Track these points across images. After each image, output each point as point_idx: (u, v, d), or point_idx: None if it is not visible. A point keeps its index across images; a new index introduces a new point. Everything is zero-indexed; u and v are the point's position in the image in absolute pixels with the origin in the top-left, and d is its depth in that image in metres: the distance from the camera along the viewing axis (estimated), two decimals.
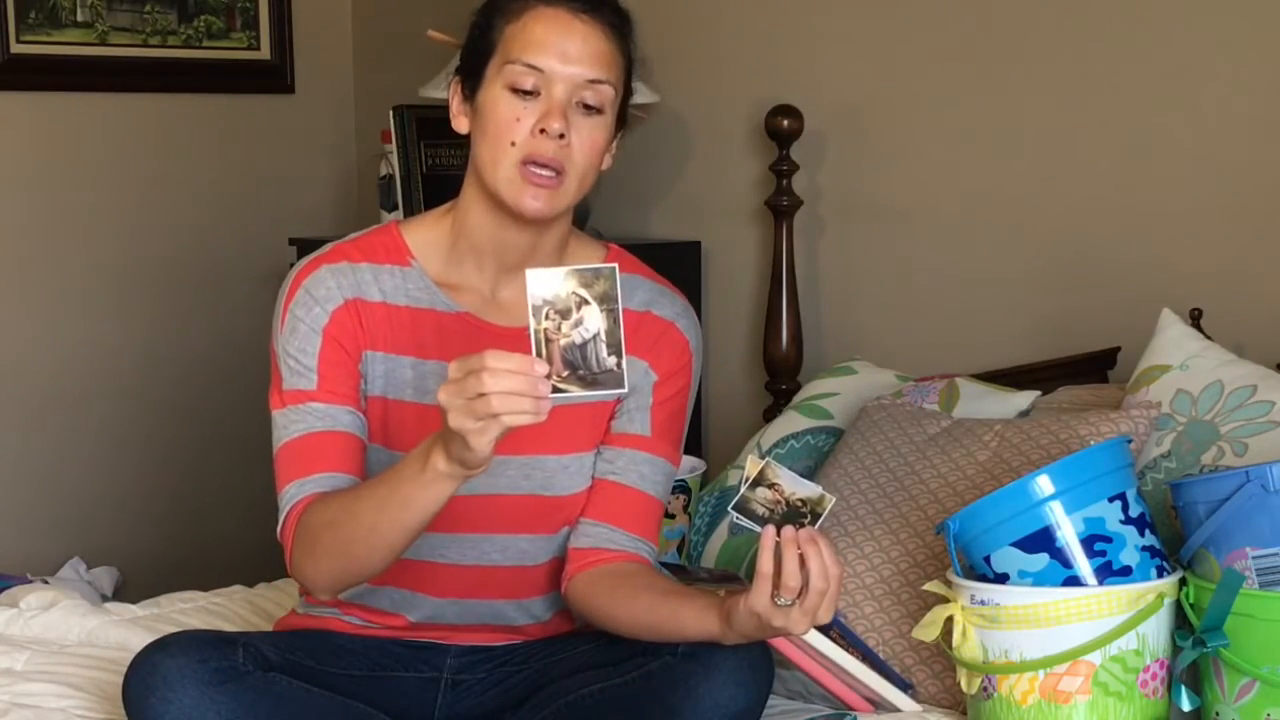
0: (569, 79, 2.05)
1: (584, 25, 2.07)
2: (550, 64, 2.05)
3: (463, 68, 2.14)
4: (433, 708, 2.19)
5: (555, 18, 2.07)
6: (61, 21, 3.92)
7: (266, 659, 2.05)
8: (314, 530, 2.01)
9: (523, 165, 2.05)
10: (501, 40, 2.08)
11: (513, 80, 2.05)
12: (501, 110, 2.06)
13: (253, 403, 4.25)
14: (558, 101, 2.04)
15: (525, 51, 2.05)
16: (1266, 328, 2.69)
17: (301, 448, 2.08)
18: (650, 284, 2.23)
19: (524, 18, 2.07)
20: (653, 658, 2.02)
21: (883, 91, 3.24)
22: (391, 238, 2.18)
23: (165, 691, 1.96)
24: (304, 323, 2.12)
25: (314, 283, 2.13)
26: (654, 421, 2.20)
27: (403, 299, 2.13)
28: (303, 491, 2.06)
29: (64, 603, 2.67)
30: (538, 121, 2.04)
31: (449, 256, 2.16)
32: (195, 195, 4.15)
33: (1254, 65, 2.75)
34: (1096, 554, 2.04)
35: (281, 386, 2.10)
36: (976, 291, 3.11)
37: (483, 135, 2.08)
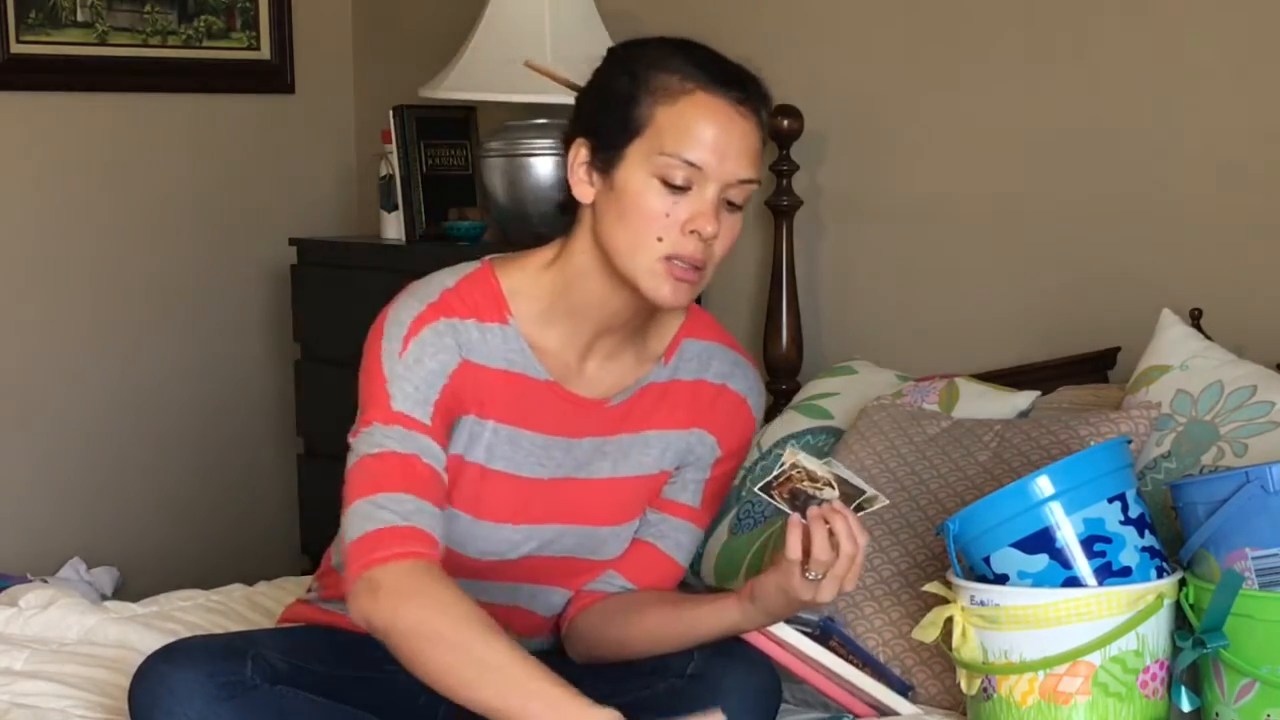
0: (724, 178, 1.97)
1: (743, 119, 1.98)
2: (708, 161, 1.95)
3: (591, 133, 2.02)
4: (436, 709, 2.19)
5: (716, 110, 1.97)
6: (61, 21, 3.92)
7: (275, 669, 2.03)
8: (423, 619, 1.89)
9: (666, 259, 1.97)
10: (652, 122, 1.97)
11: (664, 173, 1.95)
12: (650, 202, 1.96)
13: (253, 401, 4.28)
14: (710, 202, 1.96)
15: (683, 146, 1.95)
16: (1266, 328, 2.68)
17: (408, 465, 1.98)
18: (727, 353, 2.20)
19: (681, 104, 1.96)
20: (659, 678, 2.03)
21: (883, 91, 3.24)
22: (491, 288, 2.07)
23: (172, 704, 1.95)
24: (431, 360, 2.02)
25: (437, 332, 2.02)
26: (705, 494, 2.20)
27: (500, 361, 2.06)
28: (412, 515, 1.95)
29: (63, 601, 2.67)
30: (688, 221, 1.96)
31: (544, 313, 2.08)
32: (196, 195, 4.14)
33: (1254, 65, 2.74)
34: (1096, 555, 2.04)
35: (392, 405, 2.00)
36: (977, 291, 3.11)
37: (621, 220, 1.98)
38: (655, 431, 2.14)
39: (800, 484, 1.95)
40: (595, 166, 2.01)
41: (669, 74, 1.99)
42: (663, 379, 2.14)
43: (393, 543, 1.93)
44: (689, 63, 2.00)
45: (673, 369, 2.16)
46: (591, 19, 3.54)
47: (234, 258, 4.20)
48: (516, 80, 3.44)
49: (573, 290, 2.06)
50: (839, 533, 1.91)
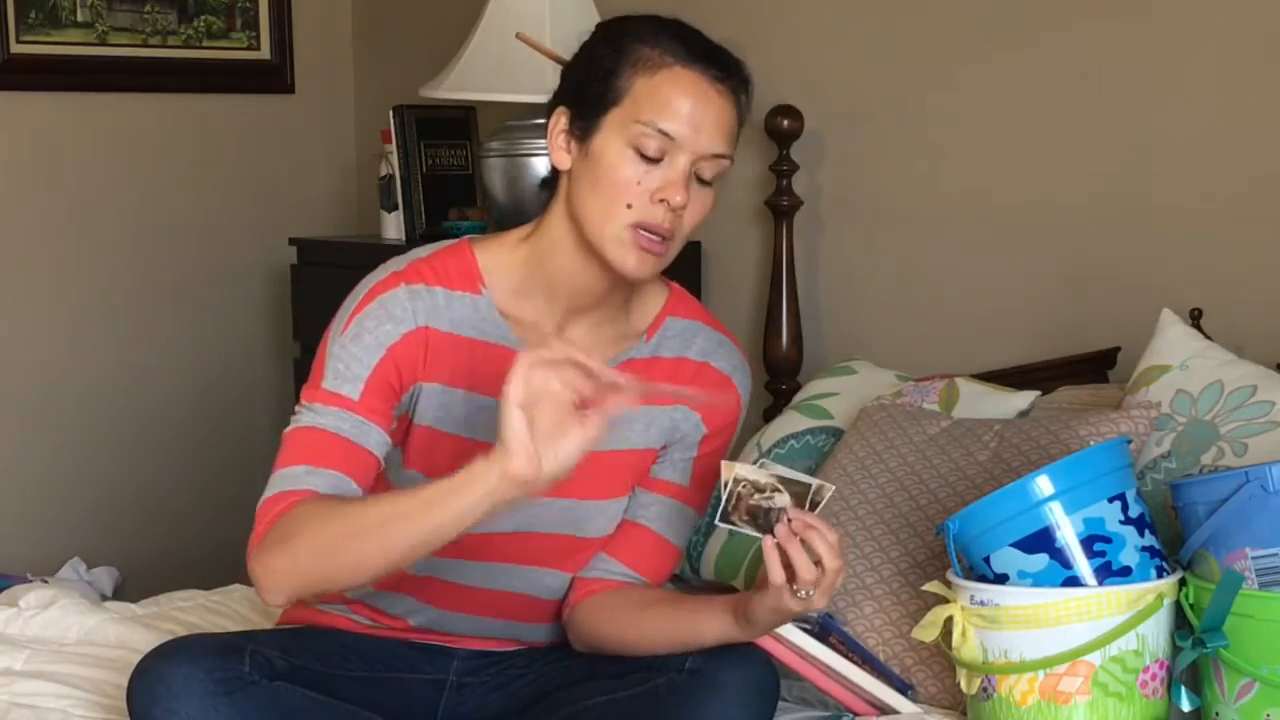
0: (697, 151, 1.99)
1: (719, 96, 2.00)
2: (682, 133, 1.98)
3: (572, 102, 2.04)
4: (436, 709, 2.19)
5: (694, 84, 1.99)
6: (61, 21, 3.91)
7: (273, 666, 2.03)
8: (302, 520, 1.93)
9: (634, 228, 1.99)
10: (630, 93, 1.99)
11: (638, 141, 1.97)
12: (623, 170, 1.98)
13: (253, 402, 4.28)
14: (681, 172, 1.98)
15: (658, 115, 1.97)
16: (1266, 328, 2.68)
17: (322, 440, 2.01)
18: (709, 331, 2.20)
19: (659, 75, 1.99)
20: (659, 673, 2.02)
21: (883, 91, 3.24)
22: (465, 260, 2.10)
23: (170, 701, 1.95)
24: (370, 334, 2.04)
25: (391, 300, 2.05)
26: (694, 473, 2.20)
27: (469, 330, 2.07)
28: (309, 480, 1.99)
29: (63, 601, 2.66)
30: (659, 189, 1.97)
31: (519, 286, 2.10)
32: (195, 195, 4.14)
33: (1254, 65, 2.74)
34: (1096, 554, 2.04)
35: (322, 383, 2.04)
36: (976, 291, 3.11)
37: (594, 187, 2.00)
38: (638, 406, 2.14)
39: (751, 499, 1.95)
40: (573, 134, 2.03)
41: (651, 48, 2.01)
42: (645, 355, 2.15)
43: (274, 506, 1.98)
44: (672, 38, 2.03)
45: (654, 346, 2.16)
46: (592, 19, 3.52)
47: (234, 257, 4.20)
48: (516, 80, 3.44)
49: (546, 262, 2.08)
50: (819, 550, 1.90)
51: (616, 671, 2.07)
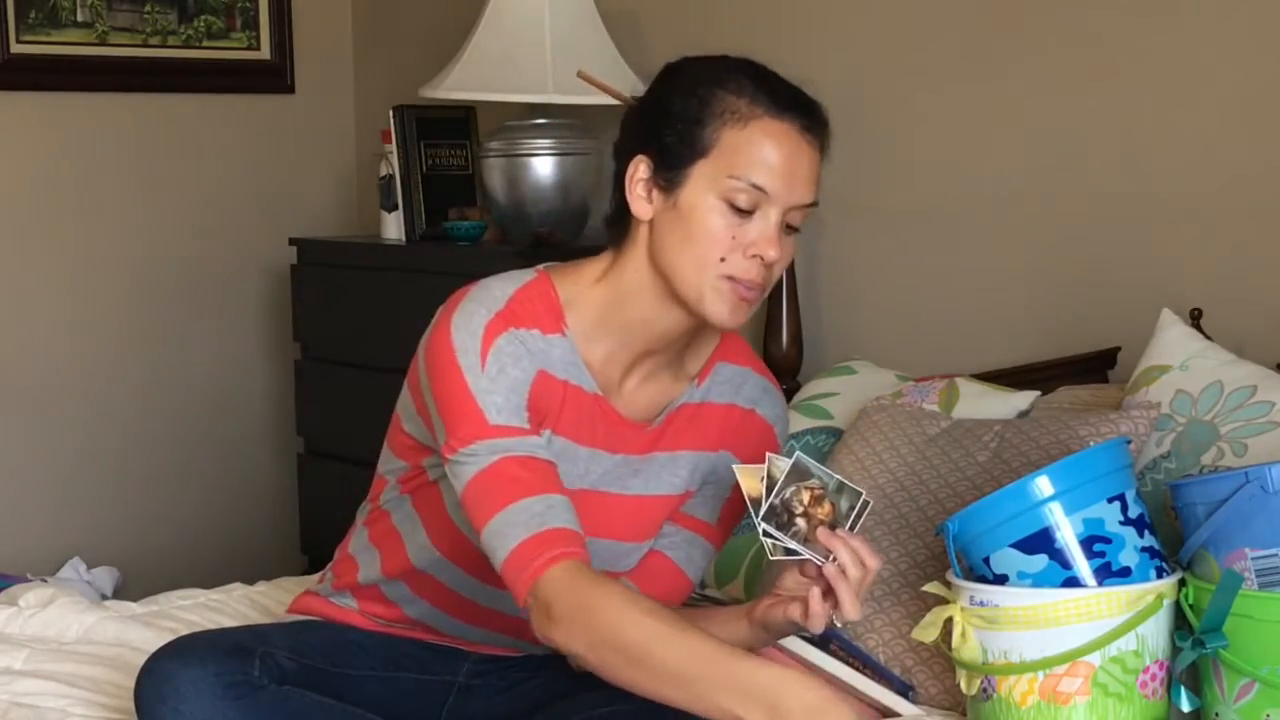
0: (789, 203, 1.98)
1: (809, 146, 1.99)
2: (775, 185, 1.96)
3: (654, 151, 2.00)
4: (441, 709, 2.19)
5: (785, 136, 1.98)
6: (61, 21, 3.92)
7: (282, 669, 2.03)
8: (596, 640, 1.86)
9: (728, 279, 1.98)
10: (719, 145, 1.96)
11: (730, 195, 1.96)
12: (715, 223, 1.96)
13: (253, 402, 4.28)
14: (774, 225, 1.97)
15: (751, 169, 1.95)
16: (1266, 328, 2.68)
17: (523, 467, 1.94)
18: (758, 379, 2.20)
19: (750, 128, 1.97)
20: None
21: (883, 91, 3.24)
22: (549, 300, 2.04)
23: (177, 703, 1.95)
24: (513, 369, 1.98)
25: (512, 340, 1.99)
26: (722, 514, 2.20)
27: (560, 372, 2.04)
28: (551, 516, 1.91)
29: (62, 600, 2.67)
30: (752, 244, 1.96)
31: (593, 328, 2.06)
32: (195, 195, 4.15)
33: (1254, 64, 2.74)
34: (1096, 555, 2.04)
35: (488, 420, 1.95)
36: (976, 291, 3.11)
37: (684, 240, 1.97)
38: (686, 452, 2.14)
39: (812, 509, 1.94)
40: (657, 184, 2.00)
41: (736, 97, 1.98)
42: (695, 400, 2.15)
43: (537, 553, 1.90)
44: (756, 86, 2.00)
45: (705, 391, 2.16)
46: (591, 19, 3.54)
47: (234, 258, 4.20)
48: (516, 80, 3.45)
49: (624, 306, 2.05)
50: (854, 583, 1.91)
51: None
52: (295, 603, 2.33)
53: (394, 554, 2.16)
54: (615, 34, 3.55)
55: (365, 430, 3.70)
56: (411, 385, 2.11)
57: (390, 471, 2.18)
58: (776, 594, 2.00)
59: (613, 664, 1.86)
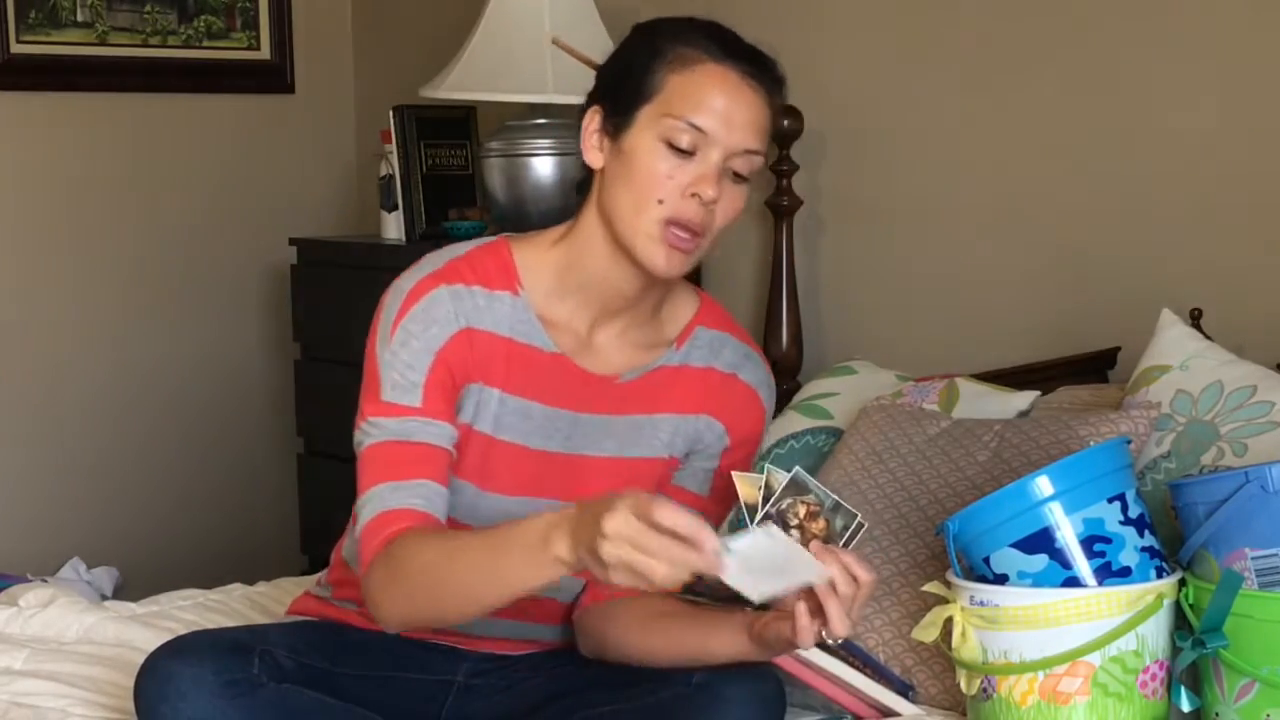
0: (729, 146, 1.99)
1: (752, 92, 2.01)
2: (715, 127, 1.98)
3: (606, 100, 2.06)
4: (441, 709, 2.19)
5: (726, 79, 2.00)
6: (61, 21, 3.92)
7: (281, 668, 2.03)
8: (404, 568, 1.94)
9: (665, 224, 1.99)
10: (664, 89, 2.00)
11: (671, 135, 1.98)
12: (654, 164, 1.99)
13: (253, 402, 4.28)
14: (714, 166, 1.99)
15: (691, 110, 1.98)
16: (1266, 328, 2.68)
17: (399, 452, 2.01)
18: (738, 345, 2.21)
19: (693, 71, 2.00)
20: (665, 686, 2.02)
21: (883, 91, 3.24)
22: (503, 260, 2.10)
23: (177, 701, 1.95)
24: (417, 339, 2.04)
25: (432, 302, 2.05)
26: (714, 485, 2.20)
27: (507, 330, 2.08)
28: (398, 498, 1.99)
29: (62, 600, 2.67)
30: (691, 184, 1.98)
31: (554, 287, 2.10)
32: (195, 195, 4.15)
33: (1254, 64, 2.74)
34: (1096, 555, 2.04)
35: (381, 395, 2.03)
36: (976, 291, 3.11)
37: (626, 183, 2.01)
38: (664, 415, 2.15)
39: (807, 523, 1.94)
40: (606, 132, 2.04)
41: (686, 45, 2.02)
42: (674, 363, 2.15)
43: (378, 532, 1.98)
44: (706, 36, 2.04)
45: (684, 354, 2.17)
46: (591, 17, 3.53)
47: (234, 258, 4.20)
48: (516, 80, 3.44)
49: (581, 263, 2.08)
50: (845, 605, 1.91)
51: (624, 681, 2.07)
52: (294, 604, 2.33)
53: None
54: (615, 34, 3.55)
55: None
56: None
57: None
58: (779, 609, 2.00)
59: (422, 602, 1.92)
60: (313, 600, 2.29)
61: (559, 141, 3.52)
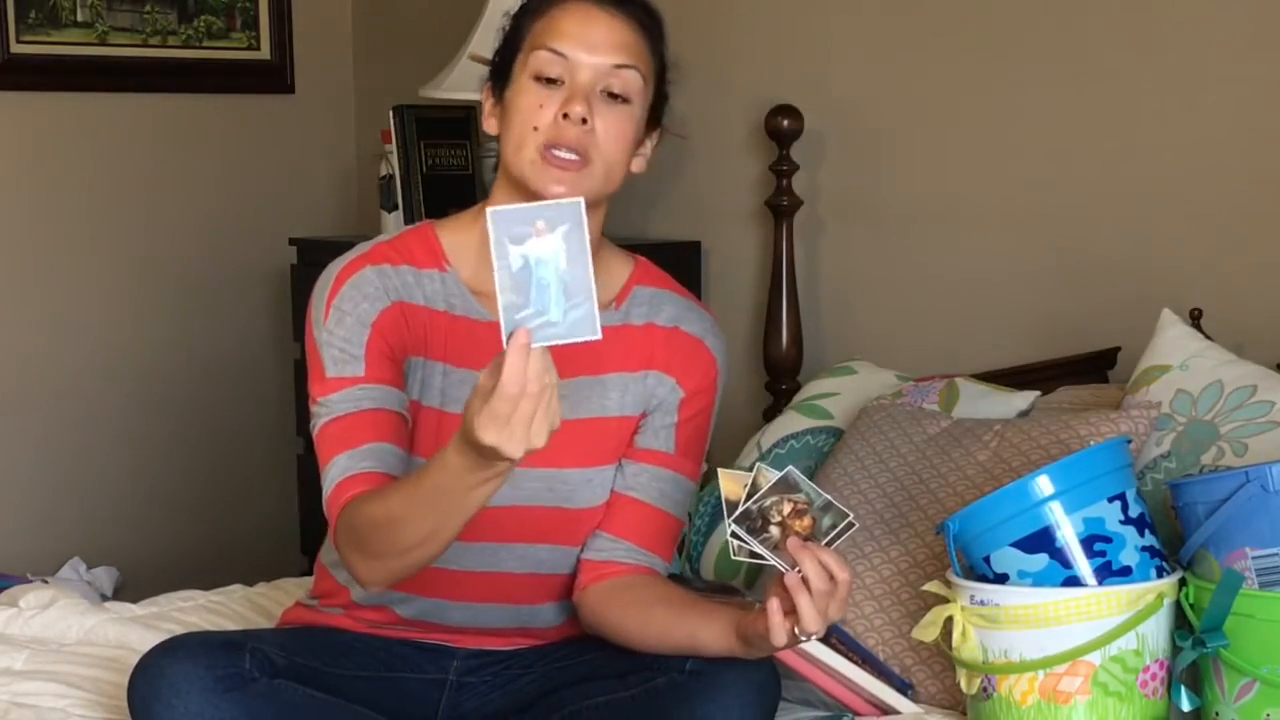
0: (593, 66, 2.05)
1: (609, 16, 2.08)
2: (574, 51, 2.05)
3: (493, 72, 2.14)
4: (436, 709, 2.19)
5: (581, 9, 2.08)
6: (61, 21, 3.92)
7: (273, 664, 2.04)
8: (359, 531, 1.96)
9: (546, 150, 2.04)
10: (529, 35, 2.08)
11: (537, 68, 2.05)
12: (526, 98, 2.05)
13: (253, 402, 4.28)
14: (581, 86, 2.04)
15: (550, 39, 2.05)
16: (1266, 328, 2.68)
17: (349, 424, 2.04)
18: (677, 299, 2.23)
19: (550, 11, 2.08)
20: (660, 673, 2.02)
21: (883, 91, 3.24)
22: (427, 240, 2.16)
23: (171, 698, 1.95)
24: (350, 315, 2.08)
25: (361, 280, 2.10)
26: (678, 439, 2.20)
27: (440, 304, 2.12)
28: (352, 465, 2.02)
29: (62, 601, 2.67)
30: (561, 107, 2.04)
31: (480, 259, 2.12)
32: (195, 195, 4.15)
33: (1254, 65, 2.74)
34: (1096, 554, 2.04)
35: (325, 374, 2.07)
36: (976, 291, 3.11)
37: (508, 126, 2.08)
38: (610, 374, 2.17)
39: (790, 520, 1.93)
40: (494, 98, 2.12)
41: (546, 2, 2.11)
42: (614, 323, 2.16)
43: (335, 501, 2.01)
44: None
45: (623, 314, 2.19)
46: None
47: (234, 258, 4.20)
48: None
49: None
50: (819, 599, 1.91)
51: (618, 671, 2.07)
52: (285, 614, 2.33)
53: None
54: None
55: None
56: None
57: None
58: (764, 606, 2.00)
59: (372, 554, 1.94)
60: (303, 610, 2.29)
61: None
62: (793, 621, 1.90)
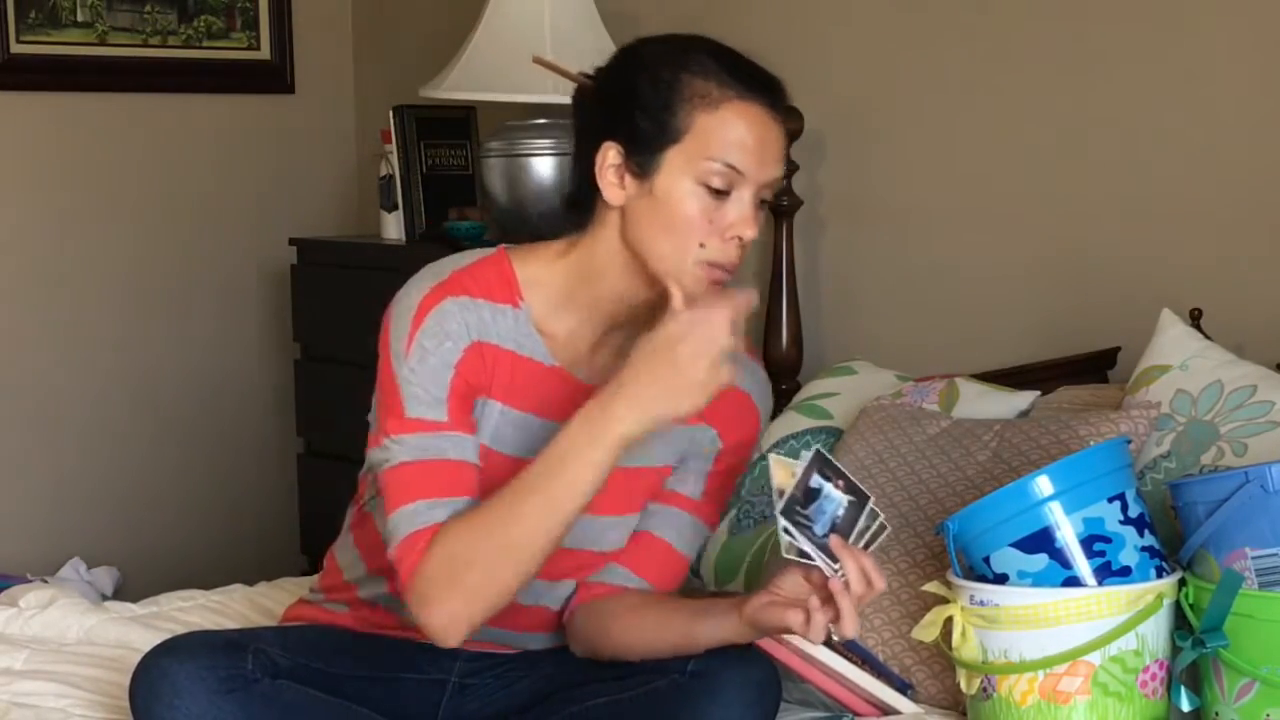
0: (761, 180, 2.01)
1: (777, 125, 2.03)
2: (750, 168, 1.99)
3: (621, 136, 2.02)
4: (437, 709, 2.19)
5: (755, 116, 2.00)
6: (61, 21, 3.92)
7: (275, 665, 2.03)
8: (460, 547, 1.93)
9: (707, 265, 2.00)
10: (693, 129, 1.99)
11: (708, 178, 1.98)
12: (692, 208, 1.99)
13: (253, 402, 4.28)
14: (750, 206, 2.00)
15: (727, 151, 1.98)
16: (1266, 328, 2.68)
17: (431, 470, 2.00)
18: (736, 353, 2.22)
19: (721, 111, 1.99)
20: (660, 675, 2.03)
21: (883, 91, 3.24)
22: (503, 272, 2.09)
23: (173, 699, 1.95)
24: (434, 355, 2.02)
25: (443, 314, 2.04)
26: (707, 487, 2.21)
27: (510, 343, 2.07)
28: (434, 515, 1.97)
29: (62, 601, 2.67)
30: (730, 226, 1.99)
31: (558, 302, 2.09)
32: (195, 195, 4.15)
33: (1255, 64, 2.74)
34: (1096, 554, 2.04)
35: (405, 413, 2.01)
36: (976, 291, 3.11)
37: (663, 227, 2.00)
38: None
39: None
40: (629, 170, 2.02)
41: (704, 80, 2.01)
42: None
43: (416, 545, 1.97)
44: (720, 67, 2.02)
45: None
46: (591, 19, 3.54)
47: (234, 258, 4.21)
48: (516, 80, 3.44)
49: (593, 283, 2.07)
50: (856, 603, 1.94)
51: (619, 673, 2.07)
52: (288, 611, 2.33)
53: (380, 557, 2.14)
54: (615, 34, 3.55)
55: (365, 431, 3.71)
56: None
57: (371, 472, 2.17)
58: (774, 593, 2.00)
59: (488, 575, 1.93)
60: (306, 607, 2.29)
61: (559, 141, 3.52)
62: (830, 618, 1.92)
